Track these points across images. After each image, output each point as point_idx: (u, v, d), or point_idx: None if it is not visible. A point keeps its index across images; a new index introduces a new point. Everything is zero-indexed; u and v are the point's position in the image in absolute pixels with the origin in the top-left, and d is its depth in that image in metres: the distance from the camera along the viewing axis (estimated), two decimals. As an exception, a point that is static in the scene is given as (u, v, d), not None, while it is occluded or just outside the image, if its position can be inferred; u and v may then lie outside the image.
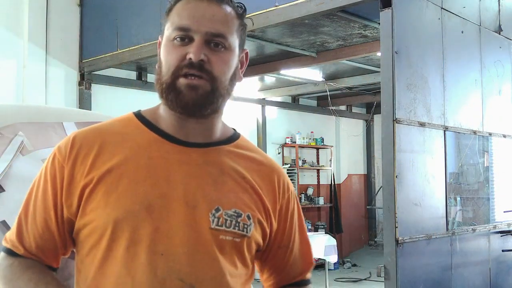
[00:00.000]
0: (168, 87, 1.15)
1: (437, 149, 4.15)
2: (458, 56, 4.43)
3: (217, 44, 1.15)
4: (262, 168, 1.26)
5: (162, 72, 1.18)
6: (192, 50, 1.13)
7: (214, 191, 1.16)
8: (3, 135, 2.35)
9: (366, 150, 11.60)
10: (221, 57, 1.16)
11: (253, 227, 1.18)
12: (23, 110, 2.74)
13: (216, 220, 1.13)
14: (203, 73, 1.13)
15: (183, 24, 1.15)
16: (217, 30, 1.15)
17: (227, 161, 1.21)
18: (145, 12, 6.00)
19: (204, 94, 1.14)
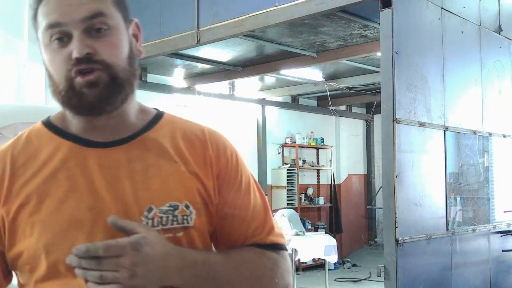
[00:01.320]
0: (67, 93, 1.03)
1: (437, 149, 4.15)
2: (458, 56, 4.43)
3: (98, 29, 1.02)
4: (192, 142, 1.13)
5: (54, 80, 1.05)
6: (74, 47, 1.00)
7: (144, 189, 1.05)
8: (3, 135, 2.35)
9: (366, 150, 11.60)
10: (108, 40, 1.04)
11: (195, 215, 1.07)
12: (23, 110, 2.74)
13: (151, 222, 1.04)
14: (96, 64, 1.01)
15: (52, 20, 1.01)
16: (92, 11, 1.01)
17: (153, 151, 1.09)
18: (145, 12, 6.00)
19: (106, 87, 1.02)
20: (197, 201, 1.09)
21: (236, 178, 1.15)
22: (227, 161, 1.14)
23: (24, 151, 1.09)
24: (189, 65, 7.35)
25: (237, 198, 1.14)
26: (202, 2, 5.28)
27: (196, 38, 5.31)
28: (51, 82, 1.07)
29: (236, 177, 1.15)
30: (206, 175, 1.11)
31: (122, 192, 1.04)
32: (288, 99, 10.12)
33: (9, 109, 2.73)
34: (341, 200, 10.77)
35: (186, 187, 1.08)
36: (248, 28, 4.89)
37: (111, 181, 1.05)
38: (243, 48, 6.43)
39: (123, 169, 1.06)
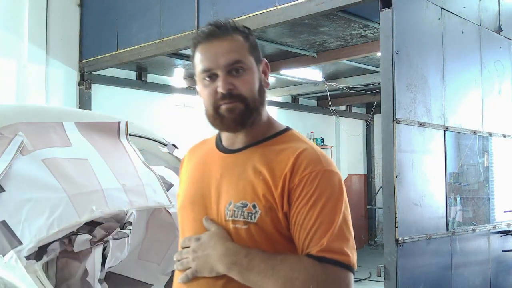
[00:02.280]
0: (213, 116, 1.46)
1: (437, 149, 4.15)
2: (458, 56, 4.43)
3: (237, 69, 1.43)
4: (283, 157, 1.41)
5: (205, 107, 1.48)
6: (219, 84, 1.42)
7: (233, 188, 1.43)
8: (3, 135, 2.35)
9: (366, 150, 11.60)
10: (244, 79, 1.44)
11: (259, 215, 1.38)
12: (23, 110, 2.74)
13: (230, 212, 1.41)
14: (234, 98, 1.42)
15: (205, 67, 1.44)
16: (232, 59, 1.43)
17: (251, 159, 1.45)
18: (145, 12, 6.00)
19: (241, 113, 1.43)
20: (264, 204, 1.38)
21: (307, 193, 1.36)
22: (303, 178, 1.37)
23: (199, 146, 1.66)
24: (189, 65, 7.34)
25: (305, 211, 1.36)
26: (202, 2, 5.28)
27: (196, 38, 5.30)
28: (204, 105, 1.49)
29: (307, 192, 1.36)
30: (276, 185, 1.38)
31: (221, 188, 1.46)
32: (288, 99, 10.11)
33: (9, 109, 2.73)
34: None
35: (256, 191, 1.40)
36: (248, 28, 4.88)
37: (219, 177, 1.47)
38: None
39: (228, 170, 1.47)
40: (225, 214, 1.41)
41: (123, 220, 2.40)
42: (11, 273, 1.97)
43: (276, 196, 1.37)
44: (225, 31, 1.45)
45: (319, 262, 1.31)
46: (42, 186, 2.23)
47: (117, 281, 2.64)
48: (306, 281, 1.29)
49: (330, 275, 1.31)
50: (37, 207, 2.14)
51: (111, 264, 2.35)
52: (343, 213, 1.38)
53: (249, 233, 1.38)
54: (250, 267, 1.33)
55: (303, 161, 1.38)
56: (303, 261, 1.32)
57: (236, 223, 1.39)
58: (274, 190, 1.38)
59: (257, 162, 1.43)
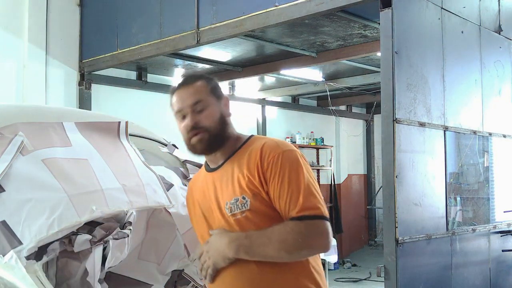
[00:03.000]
0: (188, 146, 1.92)
1: (437, 149, 4.15)
2: (458, 56, 4.43)
3: (200, 110, 1.87)
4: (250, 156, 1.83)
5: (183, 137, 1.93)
6: (187, 122, 1.87)
7: (225, 192, 1.86)
8: (3, 135, 2.35)
9: (366, 150, 11.60)
10: (205, 114, 1.87)
11: (250, 202, 1.78)
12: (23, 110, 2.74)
13: (228, 209, 1.83)
14: (200, 129, 1.86)
15: (177, 108, 1.91)
16: (194, 100, 1.87)
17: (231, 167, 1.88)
18: (145, 12, 6.00)
19: (208, 141, 1.87)
20: (249, 193, 1.80)
21: (276, 171, 1.77)
22: (270, 162, 1.78)
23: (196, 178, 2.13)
24: (189, 65, 7.35)
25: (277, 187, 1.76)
26: (202, 2, 5.28)
27: (196, 38, 5.31)
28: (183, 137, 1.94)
29: (276, 171, 1.77)
30: (253, 175, 1.80)
31: (217, 196, 1.89)
32: (288, 99, 10.11)
33: (9, 109, 2.73)
34: (341, 200, 10.77)
35: (241, 186, 1.81)
36: (248, 28, 4.89)
37: (214, 190, 1.91)
38: (243, 48, 6.43)
39: (219, 182, 1.90)
40: (226, 212, 1.82)
41: (123, 220, 2.39)
42: (11, 273, 1.97)
43: (256, 182, 1.78)
44: (190, 79, 1.91)
45: (300, 220, 1.72)
46: (42, 186, 2.23)
47: (117, 281, 2.64)
48: (294, 238, 1.70)
49: (312, 227, 1.72)
50: (37, 207, 2.14)
51: (111, 264, 2.35)
52: (306, 178, 1.77)
53: (248, 218, 1.79)
54: (251, 244, 1.74)
55: (266, 150, 1.80)
56: (288, 224, 1.73)
57: (235, 215, 1.80)
58: (253, 179, 1.79)
59: (236, 167, 1.85)
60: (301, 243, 1.71)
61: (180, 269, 2.79)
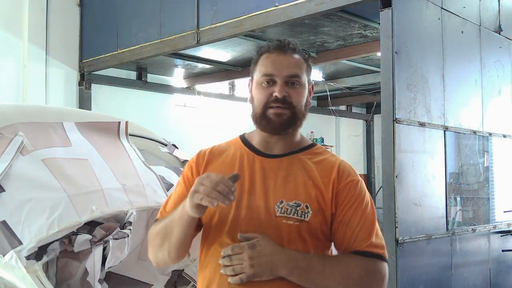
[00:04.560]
0: (261, 116, 1.64)
1: (437, 149, 4.15)
2: (458, 56, 4.43)
3: (293, 82, 1.63)
4: (324, 167, 1.66)
5: (254, 105, 1.67)
6: (277, 89, 1.62)
7: (281, 188, 1.61)
8: (3, 135, 2.35)
9: (366, 150, 11.59)
10: (297, 91, 1.64)
11: (311, 215, 1.58)
12: (23, 110, 2.74)
13: (280, 209, 1.58)
14: (286, 104, 1.62)
15: (268, 71, 1.64)
16: (292, 73, 1.64)
17: (296, 165, 1.65)
18: (145, 12, 6.00)
19: (287, 119, 1.63)
20: (315, 205, 1.59)
21: (351, 198, 1.62)
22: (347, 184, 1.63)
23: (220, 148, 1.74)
24: (189, 65, 7.35)
25: (348, 212, 1.61)
26: (202, 2, 5.28)
27: (196, 38, 5.31)
28: (252, 105, 1.68)
29: (352, 197, 1.62)
30: (327, 189, 1.61)
31: (267, 187, 1.62)
32: (288, 99, 10.11)
33: (9, 109, 2.73)
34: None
35: (309, 194, 1.60)
36: (248, 28, 4.89)
37: (264, 178, 1.63)
38: (243, 48, 6.43)
39: (272, 173, 1.64)
40: (276, 211, 1.58)
41: (123, 220, 2.39)
42: (11, 273, 1.97)
43: (327, 199, 1.60)
44: (292, 49, 1.67)
45: (366, 257, 1.57)
46: (42, 186, 2.23)
47: (117, 281, 2.64)
48: (360, 273, 1.55)
49: (377, 266, 1.58)
50: (37, 207, 2.14)
51: (111, 264, 2.35)
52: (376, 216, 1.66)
53: (299, 229, 1.57)
54: (308, 267, 1.53)
55: (344, 171, 1.66)
56: (355, 258, 1.57)
57: (288, 219, 1.57)
58: (325, 193, 1.61)
59: (302, 169, 1.64)
60: (365, 281, 1.56)
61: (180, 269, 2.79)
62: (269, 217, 1.58)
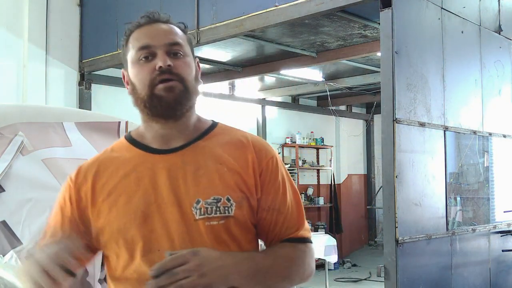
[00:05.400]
0: (149, 97, 1.33)
1: (437, 149, 4.15)
2: (458, 56, 4.43)
3: (176, 52, 1.36)
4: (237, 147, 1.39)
5: (137, 90, 1.36)
6: (159, 60, 1.33)
7: (193, 186, 1.32)
8: (3, 135, 2.35)
9: (366, 150, 11.60)
10: (183, 61, 1.37)
11: (235, 206, 1.32)
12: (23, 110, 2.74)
13: (198, 211, 1.30)
14: (173, 76, 1.33)
15: (143, 43, 1.37)
16: (173, 40, 1.38)
17: (203, 155, 1.37)
18: (145, 12, 6.00)
19: (180, 93, 1.33)
20: (237, 195, 1.33)
21: (276, 179, 1.39)
22: (268, 163, 1.39)
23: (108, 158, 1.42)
24: (189, 65, 7.34)
25: (276, 197, 1.39)
26: (202, 2, 5.28)
27: (196, 38, 5.30)
28: (134, 92, 1.37)
29: (276, 178, 1.39)
30: (247, 173, 1.36)
31: (177, 189, 1.32)
32: (288, 99, 10.11)
33: (9, 109, 2.73)
34: (341, 200, 10.77)
35: (227, 183, 1.33)
36: (248, 28, 4.89)
37: (169, 179, 1.33)
38: (243, 48, 6.43)
39: (179, 171, 1.34)
40: (193, 214, 1.30)
41: (123, 220, 2.39)
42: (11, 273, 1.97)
43: (250, 183, 1.35)
44: (165, 19, 1.46)
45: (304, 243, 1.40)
46: (42, 186, 2.24)
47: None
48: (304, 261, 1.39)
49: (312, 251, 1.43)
50: (37, 207, 2.14)
51: (111, 264, 2.35)
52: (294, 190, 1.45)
53: (226, 227, 1.31)
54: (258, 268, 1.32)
55: (261, 147, 1.41)
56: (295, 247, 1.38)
57: (210, 220, 1.30)
58: (246, 177, 1.35)
59: (211, 155, 1.37)
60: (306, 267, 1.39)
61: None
62: (188, 224, 1.29)
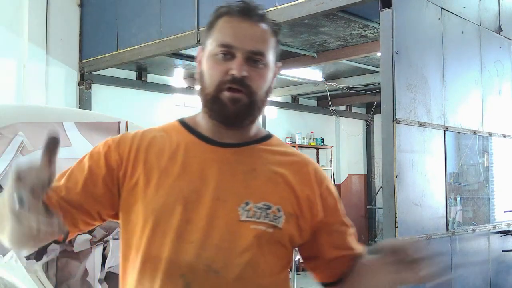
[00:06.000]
0: (212, 98, 1.26)
1: (437, 149, 4.15)
2: (458, 56, 4.43)
3: (256, 60, 1.26)
4: (295, 162, 1.35)
5: (205, 83, 1.28)
6: (234, 66, 1.24)
7: (244, 187, 1.26)
8: (3, 135, 2.35)
9: (366, 150, 11.59)
10: (260, 73, 1.28)
11: (283, 220, 1.26)
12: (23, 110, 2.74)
13: (246, 213, 1.24)
14: (244, 88, 1.24)
15: (226, 41, 1.26)
16: (257, 49, 1.27)
17: (259, 158, 1.32)
18: (145, 12, 6.00)
19: (244, 107, 1.26)
20: (288, 209, 1.27)
21: (335, 200, 1.39)
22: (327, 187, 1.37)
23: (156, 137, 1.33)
24: (189, 65, 7.34)
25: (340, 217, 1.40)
26: (202, 2, 5.28)
27: (196, 38, 5.30)
28: (201, 82, 1.30)
29: (335, 199, 1.39)
30: (302, 190, 1.31)
31: (225, 185, 1.26)
32: (288, 99, 10.11)
33: (9, 109, 2.73)
34: (341, 200, 10.75)
35: (280, 194, 1.28)
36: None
37: (219, 173, 1.27)
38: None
39: (230, 167, 1.28)
40: (239, 214, 1.23)
41: (123, 220, 2.39)
42: (11, 273, 1.97)
43: (302, 201, 1.30)
44: (259, 16, 1.31)
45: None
46: (42, 186, 2.23)
47: (117, 281, 2.64)
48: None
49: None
50: (37, 207, 2.14)
51: (111, 264, 2.35)
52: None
53: (271, 236, 1.25)
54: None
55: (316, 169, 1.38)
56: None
57: (258, 224, 1.23)
58: (300, 194, 1.30)
59: (267, 162, 1.31)
60: None
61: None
62: (231, 223, 1.23)
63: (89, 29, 6.72)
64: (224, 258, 1.20)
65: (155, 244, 1.23)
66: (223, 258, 1.20)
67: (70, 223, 1.24)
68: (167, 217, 1.23)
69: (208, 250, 1.20)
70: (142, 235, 1.24)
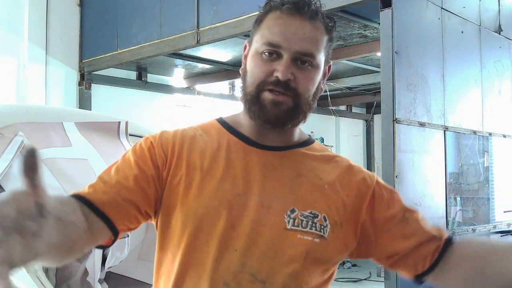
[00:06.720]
0: (253, 98, 1.19)
1: (437, 149, 4.15)
2: (458, 56, 4.43)
3: (304, 61, 1.17)
4: (340, 167, 1.29)
5: (247, 81, 1.21)
6: (280, 68, 1.15)
7: (290, 193, 1.18)
8: (3, 135, 2.35)
9: (366, 150, 11.60)
10: (307, 74, 1.19)
11: (329, 229, 1.17)
12: (23, 110, 2.74)
13: (292, 220, 1.15)
14: (288, 90, 1.16)
15: (273, 40, 1.17)
16: (306, 50, 1.17)
17: (303, 163, 1.24)
18: (145, 12, 6.00)
19: (287, 110, 1.17)
20: (334, 217, 1.19)
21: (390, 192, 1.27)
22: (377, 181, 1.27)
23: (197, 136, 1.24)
24: (189, 65, 7.35)
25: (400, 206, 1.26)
26: (202, 2, 5.28)
27: (196, 38, 5.31)
28: (244, 78, 1.22)
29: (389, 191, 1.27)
30: (348, 195, 1.22)
31: (271, 189, 1.17)
32: (288, 99, 10.12)
33: (9, 109, 2.73)
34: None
35: (326, 202, 1.20)
36: (248, 28, 4.88)
37: (263, 177, 1.18)
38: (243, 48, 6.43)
39: (276, 171, 1.20)
40: (285, 222, 1.15)
41: (123, 220, 2.39)
42: (11, 273, 1.97)
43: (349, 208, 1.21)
44: (313, 12, 1.18)
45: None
46: (42, 186, 2.23)
47: (117, 281, 2.64)
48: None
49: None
50: (37, 207, 2.14)
51: (111, 264, 2.35)
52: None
53: (319, 247, 1.16)
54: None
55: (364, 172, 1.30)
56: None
57: (305, 234, 1.15)
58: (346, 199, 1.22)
59: (312, 167, 1.24)
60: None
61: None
62: (278, 231, 1.14)
63: (89, 29, 6.72)
64: (270, 267, 1.12)
65: (197, 250, 1.14)
66: (268, 267, 1.12)
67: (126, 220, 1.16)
68: (211, 222, 1.14)
69: (252, 259, 1.12)
70: (181, 239, 1.16)
